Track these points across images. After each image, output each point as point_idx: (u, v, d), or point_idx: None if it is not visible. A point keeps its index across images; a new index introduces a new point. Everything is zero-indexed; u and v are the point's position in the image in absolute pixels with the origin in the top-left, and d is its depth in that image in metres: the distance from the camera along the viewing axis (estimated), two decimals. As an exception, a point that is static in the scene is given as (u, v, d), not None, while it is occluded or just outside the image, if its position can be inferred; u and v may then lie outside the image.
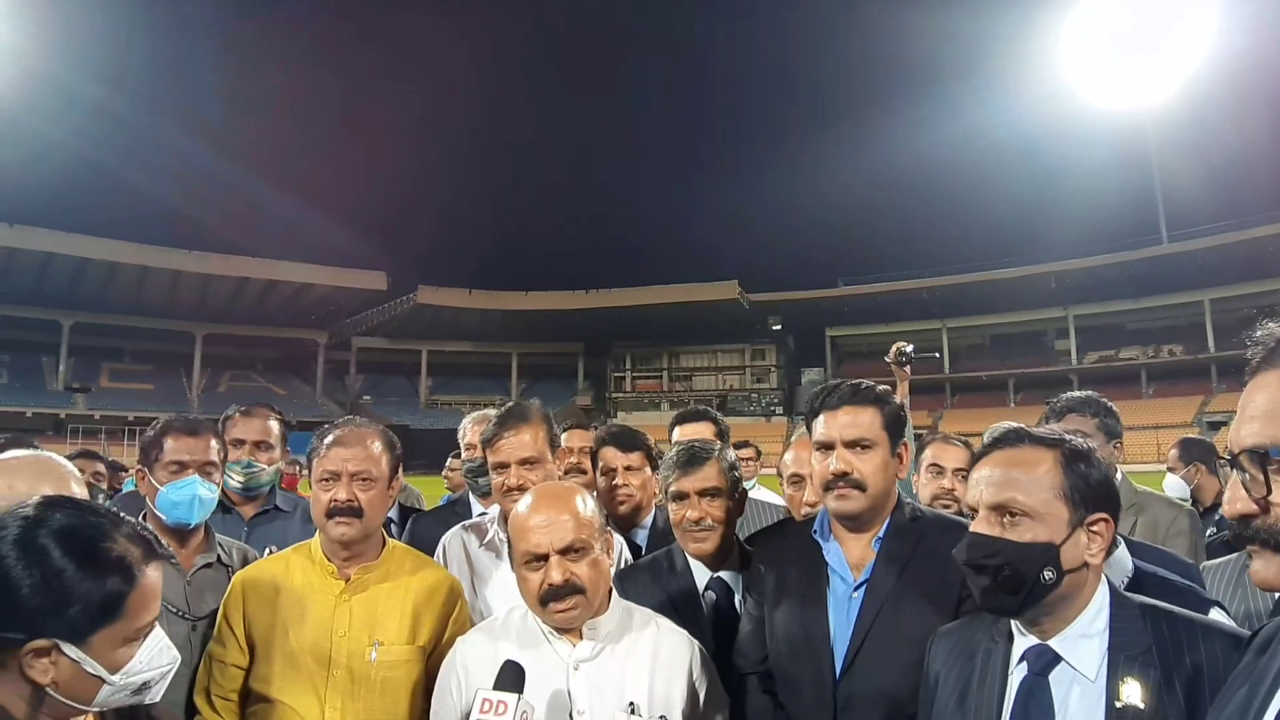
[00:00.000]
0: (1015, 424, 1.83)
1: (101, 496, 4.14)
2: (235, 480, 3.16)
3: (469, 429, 3.64)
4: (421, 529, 3.33)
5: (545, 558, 1.91)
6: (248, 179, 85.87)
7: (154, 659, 1.39)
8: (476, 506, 3.46)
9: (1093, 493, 1.58)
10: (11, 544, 1.28)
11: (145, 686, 1.39)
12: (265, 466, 3.25)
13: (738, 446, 6.14)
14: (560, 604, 1.90)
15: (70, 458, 2.30)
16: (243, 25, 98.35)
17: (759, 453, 6.20)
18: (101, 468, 5.95)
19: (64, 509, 1.35)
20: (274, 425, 3.37)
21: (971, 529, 1.64)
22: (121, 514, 1.42)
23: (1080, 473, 1.59)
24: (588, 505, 2.00)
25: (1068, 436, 1.66)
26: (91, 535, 1.33)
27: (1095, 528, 1.58)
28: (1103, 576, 1.62)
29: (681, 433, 3.72)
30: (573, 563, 1.90)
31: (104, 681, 1.32)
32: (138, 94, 73.46)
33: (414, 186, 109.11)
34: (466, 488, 3.64)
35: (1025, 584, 1.54)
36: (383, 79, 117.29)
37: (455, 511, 3.50)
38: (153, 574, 1.37)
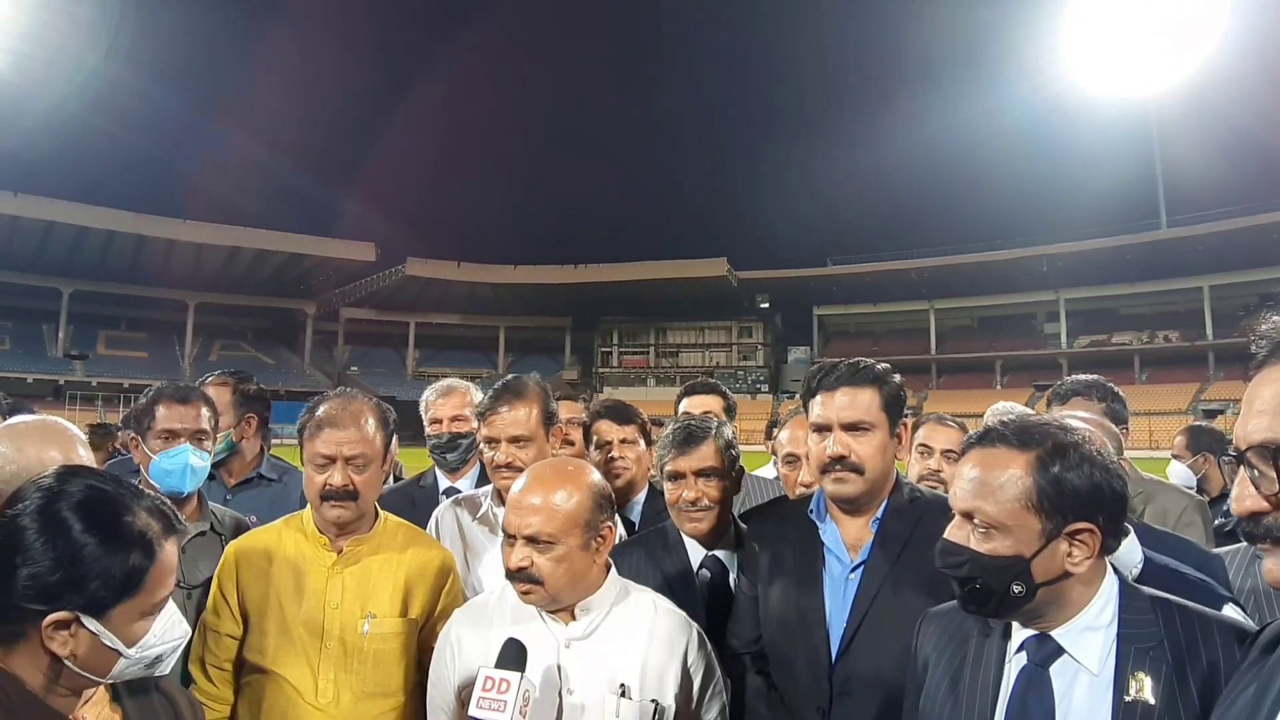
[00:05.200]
0: (1017, 408, 1.74)
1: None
2: None
3: (431, 402, 3.50)
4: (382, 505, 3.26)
5: (515, 538, 1.88)
6: (242, 148, 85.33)
7: (167, 632, 1.39)
8: (443, 481, 3.40)
9: (1072, 500, 1.45)
10: (33, 516, 1.27)
11: (158, 660, 1.39)
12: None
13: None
14: (519, 585, 1.88)
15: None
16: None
17: None
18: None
19: (83, 479, 1.34)
20: (219, 392, 3.26)
21: (945, 534, 1.57)
22: (140, 486, 1.41)
23: (1055, 478, 1.46)
24: (575, 496, 1.90)
25: (1056, 431, 1.52)
26: (114, 509, 1.32)
27: (1080, 537, 1.46)
28: (1109, 567, 1.55)
29: (689, 405, 3.69)
30: (537, 552, 1.85)
31: (120, 655, 1.32)
32: (140, 63, 72.44)
33: (404, 159, 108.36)
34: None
35: (993, 596, 1.48)
36: (375, 53, 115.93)
37: (420, 485, 3.44)
38: (170, 548, 1.37)
